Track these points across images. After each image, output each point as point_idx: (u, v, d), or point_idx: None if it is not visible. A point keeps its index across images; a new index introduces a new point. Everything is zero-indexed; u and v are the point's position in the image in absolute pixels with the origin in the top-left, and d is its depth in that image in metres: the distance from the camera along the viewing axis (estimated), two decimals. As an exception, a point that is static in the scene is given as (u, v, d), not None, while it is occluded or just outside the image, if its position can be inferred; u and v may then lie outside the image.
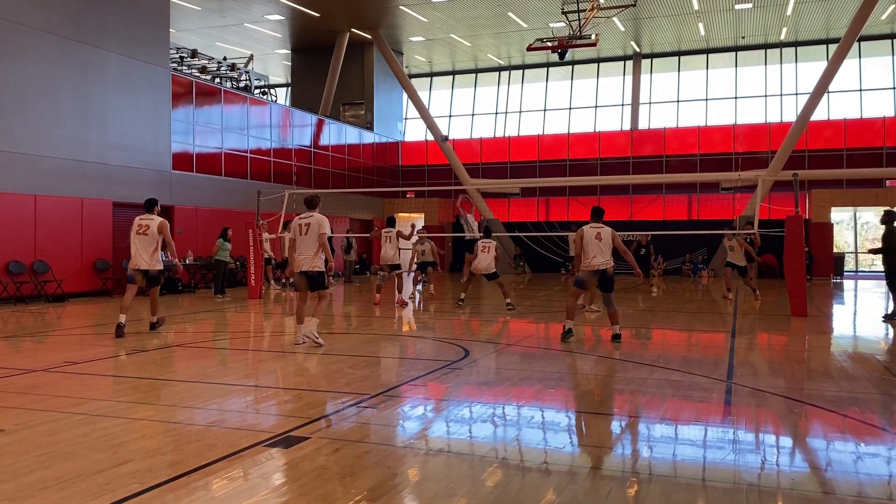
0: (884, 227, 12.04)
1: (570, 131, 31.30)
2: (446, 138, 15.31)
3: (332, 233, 8.74)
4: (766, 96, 29.76)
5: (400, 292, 14.75)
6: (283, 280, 20.33)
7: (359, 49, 29.93)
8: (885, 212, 12.12)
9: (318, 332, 8.64)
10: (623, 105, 31.52)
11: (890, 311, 12.28)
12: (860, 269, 29.42)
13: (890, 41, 28.32)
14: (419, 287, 18.02)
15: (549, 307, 14.47)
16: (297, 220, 8.74)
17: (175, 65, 22.08)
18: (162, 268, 10.35)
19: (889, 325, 11.41)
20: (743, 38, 28.71)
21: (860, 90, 28.51)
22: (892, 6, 24.31)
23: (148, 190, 18.55)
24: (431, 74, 34.27)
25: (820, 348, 9.31)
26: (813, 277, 23.54)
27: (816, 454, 4.67)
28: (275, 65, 33.34)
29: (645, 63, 31.13)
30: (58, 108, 16.33)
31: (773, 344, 9.79)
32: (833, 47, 25.59)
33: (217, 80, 23.79)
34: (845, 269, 26.53)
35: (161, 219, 10.13)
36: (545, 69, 32.51)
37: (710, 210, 28.63)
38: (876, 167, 26.00)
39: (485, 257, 13.97)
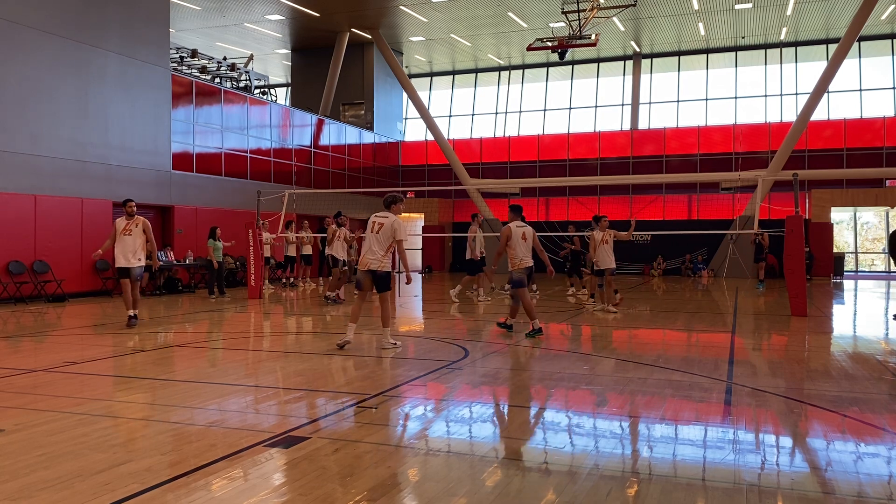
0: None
1: (570, 131, 31.29)
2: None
3: (407, 237, 8.51)
4: (766, 96, 29.75)
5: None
6: (284, 280, 20.32)
7: (359, 49, 29.93)
8: None
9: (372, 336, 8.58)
10: (623, 105, 31.51)
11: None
12: (860, 269, 29.42)
13: (890, 41, 28.32)
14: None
15: (549, 307, 14.45)
16: (373, 216, 8.60)
17: (175, 65, 22.08)
18: (139, 265, 11.43)
19: (888, 325, 11.41)
20: (743, 38, 28.70)
21: (860, 90, 28.50)
22: (892, 6, 24.31)
23: (148, 190, 18.57)
24: (431, 74, 34.26)
25: (820, 348, 9.30)
26: (813, 277, 23.55)
27: (816, 454, 4.66)
28: (275, 65, 33.33)
29: (645, 63, 31.12)
30: (58, 108, 16.33)
31: (773, 344, 9.79)
32: (833, 47, 25.59)
33: (217, 80, 23.79)
34: (845, 269, 26.54)
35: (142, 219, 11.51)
36: (545, 69, 32.51)
37: (710, 210, 28.64)
38: (876, 167, 26.00)
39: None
